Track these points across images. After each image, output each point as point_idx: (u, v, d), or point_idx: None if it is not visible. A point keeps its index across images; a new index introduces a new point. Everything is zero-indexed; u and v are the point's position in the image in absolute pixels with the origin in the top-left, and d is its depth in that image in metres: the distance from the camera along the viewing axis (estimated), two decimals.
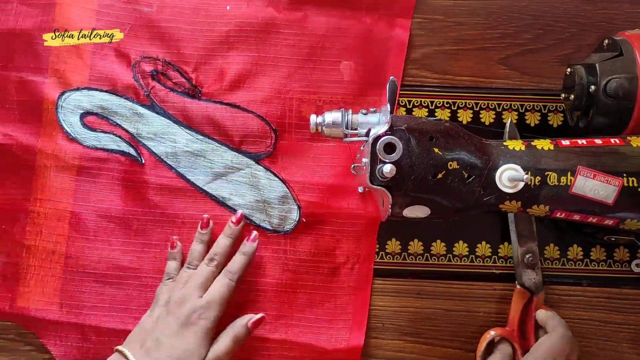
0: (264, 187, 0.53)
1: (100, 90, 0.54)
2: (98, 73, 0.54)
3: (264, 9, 0.55)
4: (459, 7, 0.57)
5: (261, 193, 0.53)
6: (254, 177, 0.53)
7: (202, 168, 0.53)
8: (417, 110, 0.55)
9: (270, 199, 0.53)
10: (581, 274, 0.53)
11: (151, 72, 0.54)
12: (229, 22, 0.55)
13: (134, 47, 0.54)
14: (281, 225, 0.53)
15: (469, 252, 0.54)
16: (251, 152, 0.54)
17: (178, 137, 0.54)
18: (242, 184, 0.53)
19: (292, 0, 0.55)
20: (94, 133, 0.53)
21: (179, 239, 0.52)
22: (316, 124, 0.45)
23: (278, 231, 0.53)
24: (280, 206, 0.53)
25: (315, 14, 0.55)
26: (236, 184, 0.53)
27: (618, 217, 0.42)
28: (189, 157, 0.53)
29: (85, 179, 0.53)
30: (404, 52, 0.55)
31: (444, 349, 0.52)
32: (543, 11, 0.56)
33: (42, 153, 0.53)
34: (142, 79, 0.54)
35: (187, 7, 0.55)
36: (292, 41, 0.54)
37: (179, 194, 0.53)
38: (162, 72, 0.54)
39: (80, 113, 0.54)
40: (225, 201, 0.53)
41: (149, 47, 0.55)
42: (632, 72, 0.44)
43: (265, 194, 0.53)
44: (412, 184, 0.40)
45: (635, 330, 0.52)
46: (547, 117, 0.55)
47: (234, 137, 0.54)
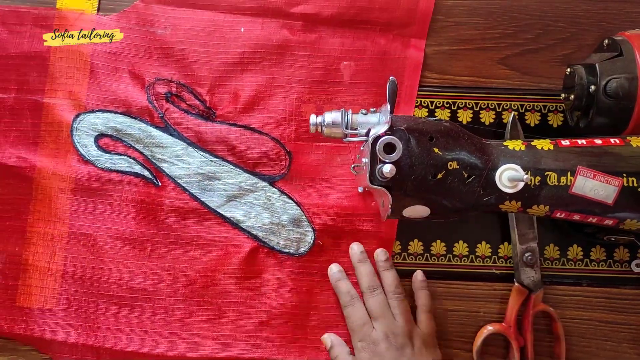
0: (278, 209, 0.53)
1: (115, 112, 0.54)
2: (112, 95, 0.54)
3: (278, 30, 0.55)
4: (459, 7, 0.57)
5: (275, 215, 0.53)
6: (269, 200, 0.53)
7: (216, 190, 0.53)
8: (417, 110, 0.55)
9: (284, 222, 0.53)
10: (581, 274, 0.53)
11: (165, 94, 0.54)
12: (244, 44, 0.55)
13: (148, 69, 0.55)
14: (296, 247, 0.53)
15: (469, 252, 0.54)
16: (265, 174, 0.54)
17: (192, 160, 0.54)
18: (256, 206, 0.53)
19: (306, 22, 0.55)
20: (108, 155, 0.54)
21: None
22: (316, 124, 0.45)
23: (292, 254, 0.53)
24: (294, 229, 0.53)
25: (329, 36, 0.55)
26: (250, 206, 0.53)
27: (618, 217, 0.42)
28: (203, 179, 0.53)
29: (100, 201, 0.53)
30: (418, 73, 0.55)
31: (444, 349, 0.52)
32: (543, 11, 0.56)
33: (57, 176, 0.53)
34: (156, 101, 0.54)
35: (202, 29, 0.55)
36: (307, 63, 0.55)
37: (193, 216, 0.53)
38: (177, 94, 0.54)
39: (95, 135, 0.54)
40: (240, 223, 0.53)
41: (163, 69, 0.55)
42: (632, 72, 0.44)
43: (279, 216, 0.53)
44: (412, 184, 0.40)
45: (635, 330, 0.52)
46: (547, 117, 0.55)
47: (248, 159, 0.54)
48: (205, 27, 0.55)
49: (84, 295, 0.52)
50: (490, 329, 0.51)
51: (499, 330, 0.51)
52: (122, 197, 0.53)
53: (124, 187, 0.53)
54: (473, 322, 0.53)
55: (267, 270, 0.53)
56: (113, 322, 0.52)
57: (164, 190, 0.53)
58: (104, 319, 0.52)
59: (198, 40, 0.55)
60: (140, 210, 0.53)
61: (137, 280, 0.52)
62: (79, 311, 0.52)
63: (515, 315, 0.51)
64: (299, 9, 0.55)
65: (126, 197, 0.53)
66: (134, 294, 0.52)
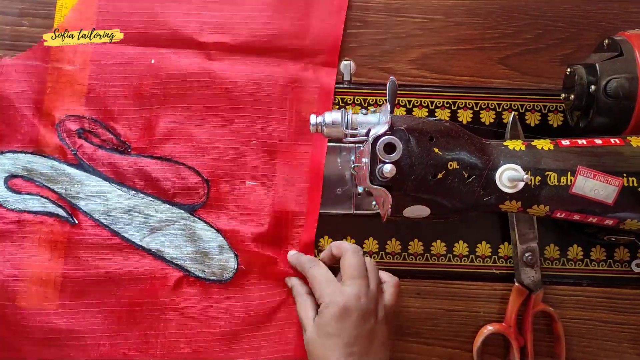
0: (200, 238, 0.53)
1: (25, 152, 0.53)
2: (22, 135, 0.53)
3: (191, 59, 0.54)
4: (459, 7, 0.57)
5: (198, 244, 0.53)
6: (190, 229, 0.53)
7: (135, 224, 0.53)
8: (417, 110, 0.55)
9: (207, 250, 0.52)
10: (581, 274, 0.53)
11: (77, 131, 0.53)
12: (155, 74, 0.54)
13: (57, 106, 0.54)
14: (220, 274, 0.52)
15: (469, 252, 0.54)
16: (185, 203, 0.53)
17: (109, 195, 0.53)
18: (178, 236, 0.53)
19: (217, 51, 0.55)
20: (19, 195, 0.53)
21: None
22: (316, 124, 0.45)
23: (218, 280, 0.52)
24: (218, 256, 0.53)
25: (241, 63, 0.55)
26: (172, 237, 0.53)
27: (618, 217, 0.42)
28: (122, 213, 0.53)
29: (10, 244, 0.52)
30: (330, 99, 0.55)
31: (444, 349, 0.52)
32: (543, 11, 0.56)
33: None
34: (67, 138, 0.53)
35: (112, 62, 0.54)
36: (219, 90, 0.54)
37: (114, 251, 0.52)
38: (89, 129, 0.54)
39: (5, 176, 0.53)
40: (163, 255, 0.52)
41: (73, 105, 0.54)
42: (632, 72, 0.44)
43: (202, 245, 0.53)
44: (412, 184, 0.40)
45: (635, 330, 0.52)
46: (547, 117, 0.55)
47: (167, 190, 0.53)
48: (115, 60, 0.54)
49: (2, 341, 0.50)
50: (490, 329, 0.51)
51: (499, 330, 0.51)
52: (35, 237, 0.52)
53: (36, 228, 0.52)
54: (473, 322, 0.53)
55: (193, 299, 0.52)
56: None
57: (81, 227, 0.52)
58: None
59: (108, 74, 0.54)
60: (56, 249, 0.52)
61: (57, 321, 0.51)
62: (3, 357, 0.50)
63: (515, 315, 0.51)
64: (209, 37, 0.55)
65: (39, 237, 0.52)
66: (57, 335, 0.51)
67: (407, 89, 0.55)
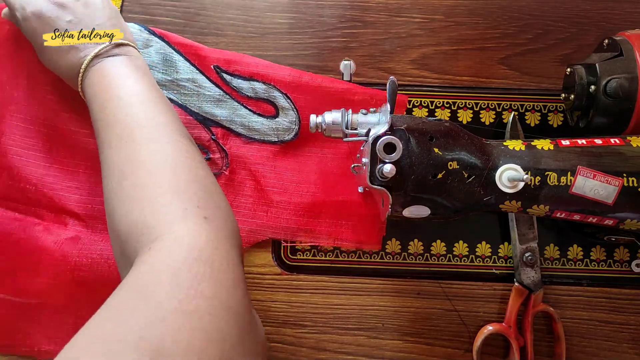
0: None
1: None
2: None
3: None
4: (459, 7, 0.57)
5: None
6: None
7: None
8: (417, 110, 0.55)
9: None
10: (581, 274, 0.53)
11: None
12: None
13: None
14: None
15: (469, 252, 0.54)
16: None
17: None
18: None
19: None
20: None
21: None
22: (316, 123, 0.45)
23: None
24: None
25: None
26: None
27: (618, 217, 0.42)
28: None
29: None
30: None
31: (444, 349, 0.52)
32: (543, 11, 0.56)
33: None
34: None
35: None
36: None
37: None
38: None
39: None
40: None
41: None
42: (632, 72, 0.44)
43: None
44: (412, 184, 0.40)
45: (635, 330, 0.52)
46: (547, 117, 0.55)
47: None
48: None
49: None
50: (490, 329, 0.51)
51: (499, 330, 0.51)
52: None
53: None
54: (473, 322, 0.53)
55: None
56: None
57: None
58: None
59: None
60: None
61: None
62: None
63: (515, 315, 0.51)
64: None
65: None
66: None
67: (407, 89, 0.55)
